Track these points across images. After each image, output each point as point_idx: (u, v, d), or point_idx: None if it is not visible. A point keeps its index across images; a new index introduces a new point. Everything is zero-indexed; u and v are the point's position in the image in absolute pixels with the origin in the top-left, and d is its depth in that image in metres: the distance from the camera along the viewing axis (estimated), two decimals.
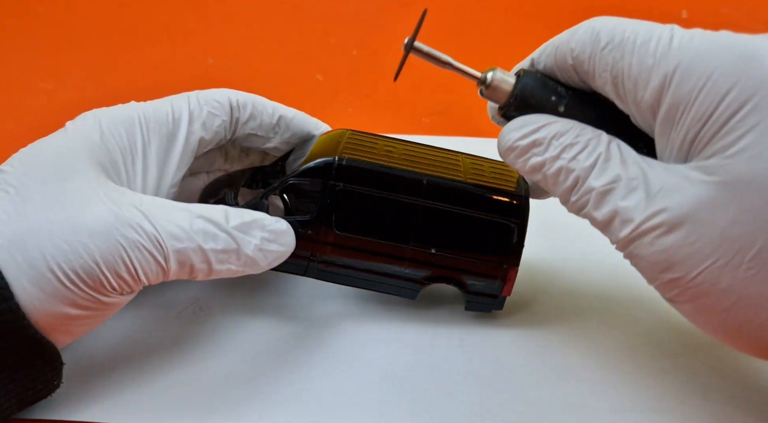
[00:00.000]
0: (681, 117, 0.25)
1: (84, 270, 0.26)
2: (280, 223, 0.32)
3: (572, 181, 0.27)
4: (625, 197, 0.26)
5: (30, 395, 0.28)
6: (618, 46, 0.26)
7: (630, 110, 0.27)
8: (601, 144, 0.27)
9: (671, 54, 0.25)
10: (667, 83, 0.25)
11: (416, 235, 0.34)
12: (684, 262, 0.24)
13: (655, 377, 0.33)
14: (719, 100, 0.23)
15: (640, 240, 0.25)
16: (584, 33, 0.27)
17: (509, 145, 0.29)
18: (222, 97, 0.35)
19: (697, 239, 0.24)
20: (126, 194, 0.29)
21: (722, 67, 0.23)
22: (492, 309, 0.36)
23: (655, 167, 0.26)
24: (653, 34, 0.25)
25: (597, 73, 0.27)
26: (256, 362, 0.34)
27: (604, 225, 0.27)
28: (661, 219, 0.24)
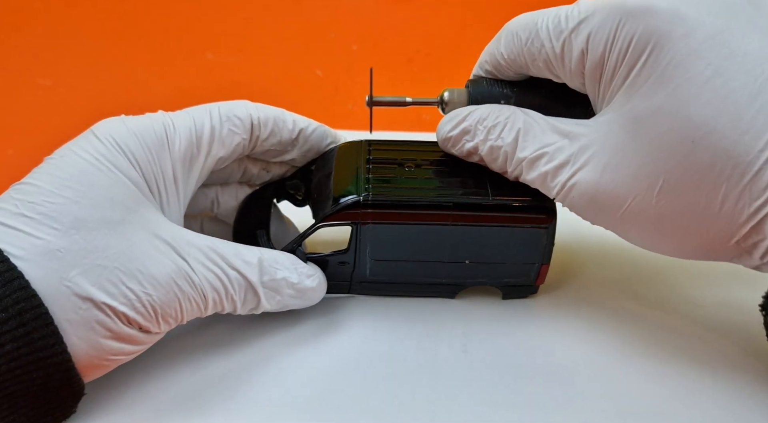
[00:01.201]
0: (600, 76, 0.29)
1: (142, 316, 0.28)
2: (311, 280, 0.34)
3: (503, 155, 0.32)
4: (548, 161, 0.30)
5: (48, 421, 0.28)
6: (536, 36, 0.30)
7: (565, 81, 0.31)
8: (518, 119, 0.31)
9: (579, 28, 0.29)
10: (584, 52, 0.29)
11: (449, 253, 0.35)
12: (609, 204, 0.29)
13: (663, 380, 0.32)
14: (623, 57, 0.28)
15: (570, 192, 0.29)
16: (507, 36, 0.32)
17: (444, 137, 0.34)
18: (243, 113, 0.34)
19: (613, 181, 0.28)
20: (177, 236, 0.30)
21: (618, 27, 0.27)
22: (527, 294, 0.38)
23: (571, 126, 0.30)
24: (560, 15, 0.30)
25: (529, 65, 0.32)
26: (256, 362, 0.34)
27: (539, 187, 0.31)
28: (582, 173, 0.29)
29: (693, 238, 0.27)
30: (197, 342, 0.35)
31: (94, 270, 0.27)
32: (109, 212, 0.28)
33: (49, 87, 0.64)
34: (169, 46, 0.69)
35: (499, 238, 0.34)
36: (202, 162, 0.33)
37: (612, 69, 0.28)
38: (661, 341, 0.35)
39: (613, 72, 0.28)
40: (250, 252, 0.32)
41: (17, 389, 0.26)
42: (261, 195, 0.39)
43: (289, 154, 0.37)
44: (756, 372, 0.33)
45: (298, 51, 0.68)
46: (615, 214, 0.29)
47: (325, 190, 0.35)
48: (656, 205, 0.27)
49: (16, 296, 0.25)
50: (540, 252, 0.35)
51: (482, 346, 0.35)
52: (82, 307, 0.27)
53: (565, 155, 0.30)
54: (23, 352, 0.25)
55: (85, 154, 0.29)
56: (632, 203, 0.28)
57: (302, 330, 0.36)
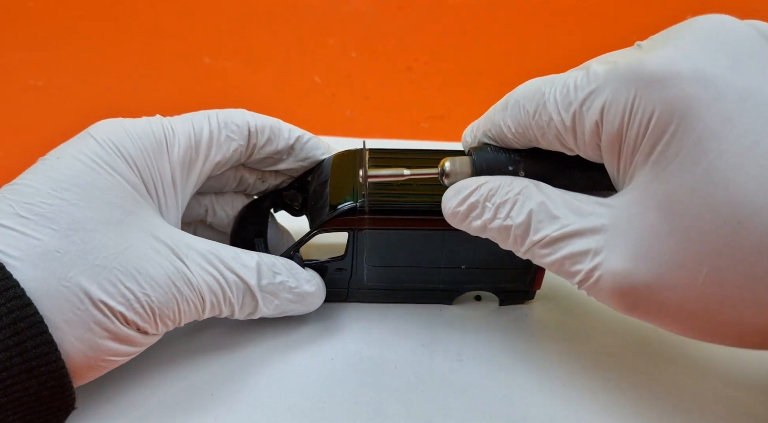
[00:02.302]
0: (620, 151, 0.26)
1: (140, 317, 0.28)
2: (310, 285, 0.34)
3: (513, 237, 0.28)
4: (566, 247, 0.26)
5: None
6: (544, 108, 0.27)
7: (578, 153, 0.28)
8: (530, 196, 0.28)
9: (591, 99, 0.26)
10: (598, 125, 0.26)
11: (445, 259, 0.35)
12: (645, 297, 0.25)
13: (663, 395, 0.32)
14: (644, 131, 0.24)
15: (597, 284, 0.26)
16: (513, 108, 0.29)
17: (450, 213, 0.30)
18: (241, 120, 0.34)
19: (648, 271, 0.24)
20: (175, 238, 0.30)
21: (636, 98, 0.24)
22: (524, 300, 0.38)
23: (591, 206, 0.27)
24: (569, 85, 0.27)
25: (538, 138, 0.29)
26: (250, 367, 0.33)
27: (558, 274, 0.27)
28: (609, 262, 0.25)
29: (750, 327, 0.24)
30: (191, 346, 0.35)
31: (92, 270, 0.27)
32: (108, 214, 0.28)
33: (41, 87, 0.63)
34: (166, 49, 0.69)
35: (494, 243, 0.33)
36: (200, 167, 0.33)
37: (632, 143, 0.25)
38: (658, 349, 0.35)
39: (633, 146, 0.25)
40: (249, 256, 0.32)
41: (9, 400, 0.25)
42: (258, 205, 0.39)
43: (284, 163, 0.38)
44: (748, 385, 0.33)
45: (296, 57, 0.68)
46: (652, 306, 0.25)
47: (322, 198, 0.35)
48: (702, 295, 0.23)
49: (11, 305, 0.25)
50: None
51: (478, 357, 0.35)
52: (80, 307, 0.26)
53: (586, 241, 0.26)
54: (16, 361, 0.25)
55: (82, 156, 0.29)
56: (673, 295, 0.24)
57: (297, 336, 0.36)
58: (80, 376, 0.28)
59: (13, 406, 0.25)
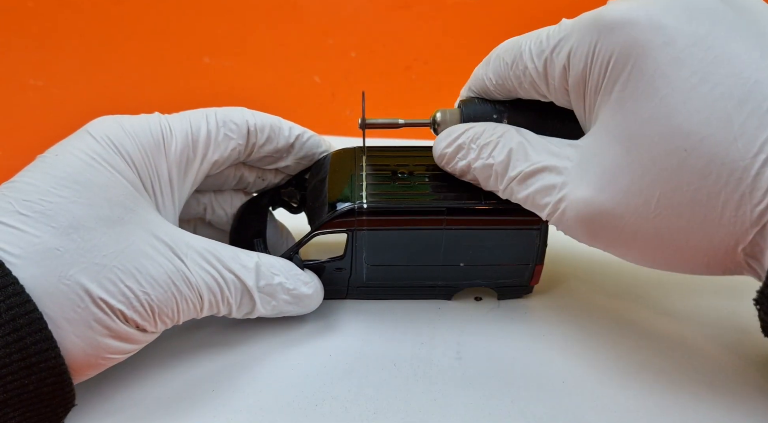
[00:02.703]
0: (584, 92, 0.29)
1: (140, 315, 0.28)
2: (308, 287, 0.34)
3: (494, 174, 0.31)
4: (538, 181, 0.29)
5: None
6: (520, 59, 0.31)
7: (552, 100, 0.31)
8: (511, 138, 0.31)
9: (560, 46, 0.29)
10: (565, 69, 0.29)
11: (444, 256, 0.35)
12: (604, 223, 0.28)
13: (657, 390, 0.32)
14: (604, 72, 0.27)
15: (564, 214, 0.29)
16: (494, 61, 0.32)
17: (439, 154, 0.33)
18: (240, 119, 0.34)
19: (607, 199, 0.27)
20: (175, 237, 0.30)
21: (597, 42, 0.27)
22: (522, 295, 0.38)
23: (562, 146, 0.30)
24: (541, 36, 0.30)
25: (516, 87, 0.32)
26: (249, 364, 0.34)
27: (531, 207, 0.31)
28: (574, 192, 0.28)
29: (697, 251, 0.26)
30: (190, 343, 0.35)
31: (92, 268, 0.27)
32: (107, 212, 0.28)
33: (40, 87, 0.63)
34: (165, 48, 0.69)
35: (492, 240, 0.34)
36: (198, 165, 0.33)
37: (595, 84, 0.28)
38: (655, 345, 0.35)
39: (596, 87, 0.28)
40: (248, 256, 0.32)
41: (8, 397, 0.25)
42: (257, 203, 0.39)
43: (284, 161, 0.38)
44: (752, 384, 0.33)
45: (296, 57, 0.68)
46: (611, 233, 0.28)
47: (321, 197, 0.35)
48: (654, 220, 0.26)
49: (10, 302, 0.25)
50: (533, 253, 0.35)
51: (476, 354, 0.35)
52: (80, 305, 0.26)
53: (554, 175, 0.29)
54: (15, 358, 0.25)
55: (81, 154, 0.29)
56: (629, 220, 0.27)
57: (296, 333, 0.36)
58: (80, 374, 0.28)
59: (13, 403, 0.25)
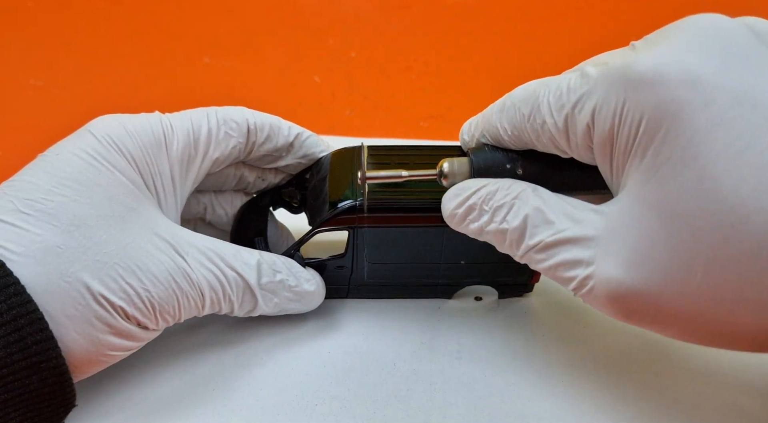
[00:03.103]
0: (611, 154, 0.26)
1: (141, 312, 0.28)
2: (309, 284, 0.34)
3: (509, 241, 0.28)
4: (560, 254, 0.26)
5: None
6: (538, 112, 0.28)
7: (573, 155, 0.28)
8: (527, 200, 0.28)
9: (582, 102, 0.26)
10: (589, 128, 0.26)
11: (445, 255, 0.35)
12: (640, 304, 0.24)
13: (660, 392, 0.32)
14: (635, 134, 0.24)
15: (592, 292, 0.26)
16: (509, 111, 0.29)
17: (449, 214, 0.31)
18: (240, 118, 0.35)
19: (641, 278, 0.24)
20: (176, 235, 0.30)
21: (626, 100, 0.24)
22: (523, 293, 0.38)
23: (586, 212, 0.27)
24: (562, 88, 0.27)
25: (534, 141, 0.29)
26: (249, 363, 0.34)
27: (552, 278, 0.27)
28: (603, 270, 0.25)
29: (744, 331, 0.24)
30: (191, 342, 0.35)
31: (93, 266, 0.27)
32: (108, 210, 0.28)
33: (41, 87, 0.63)
34: (166, 48, 0.69)
35: None
36: (199, 163, 0.33)
37: (624, 146, 0.25)
38: (655, 344, 0.35)
39: (625, 149, 0.25)
40: (250, 254, 0.32)
41: (10, 397, 0.25)
42: (257, 203, 0.39)
43: (283, 160, 0.38)
44: (747, 379, 0.33)
45: (296, 57, 0.68)
46: (648, 314, 0.25)
47: (321, 196, 0.35)
48: (696, 301, 0.23)
49: (11, 302, 0.25)
50: None
51: (476, 353, 0.35)
52: (81, 302, 0.27)
53: (579, 248, 0.26)
54: (17, 358, 0.25)
55: (82, 153, 0.29)
56: (667, 301, 0.24)
57: (297, 332, 0.36)
58: (81, 371, 0.28)
59: (14, 403, 0.25)
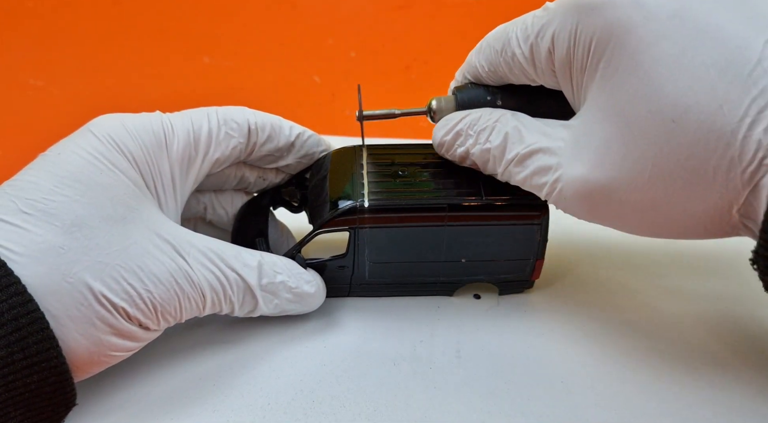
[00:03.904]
0: (570, 72, 0.29)
1: (142, 313, 0.28)
2: (310, 286, 0.34)
3: (492, 158, 0.32)
4: (534, 162, 0.30)
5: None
6: (509, 45, 0.31)
7: (540, 82, 0.32)
8: (506, 122, 0.32)
9: (544, 30, 0.30)
10: (550, 51, 0.30)
11: (446, 253, 0.35)
12: (601, 198, 0.28)
13: (660, 391, 0.32)
14: (588, 52, 0.28)
15: (561, 192, 0.29)
16: (485, 49, 0.33)
17: (438, 142, 0.34)
18: (241, 118, 0.35)
19: (602, 174, 0.28)
20: (177, 235, 0.30)
21: (579, 23, 0.28)
22: (523, 289, 0.39)
23: (555, 127, 0.31)
24: (527, 22, 0.31)
25: (507, 73, 0.33)
26: (249, 362, 0.34)
27: (529, 188, 0.31)
28: (569, 170, 0.29)
29: (694, 217, 0.27)
30: (190, 341, 0.35)
31: (95, 266, 0.27)
32: (110, 210, 0.28)
33: (41, 87, 0.64)
34: (165, 48, 0.69)
35: (493, 236, 0.35)
36: (200, 164, 0.33)
37: (580, 64, 0.28)
38: (656, 343, 0.35)
39: (581, 66, 0.28)
40: (251, 255, 0.32)
41: (10, 396, 0.25)
42: (258, 203, 0.40)
43: (284, 159, 0.38)
44: (753, 384, 0.33)
45: (295, 56, 0.68)
46: (610, 207, 0.28)
47: (322, 196, 0.35)
48: (649, 191, 0.27)
49: (12, 301, 0.25)
50: (534, 248, 0.35)
51: (476, 352, 0.35)
52: (83, 302, 0.27)
53: (549, 156, 0.30)
54: (18, 357, 0.25)
55: (83, 153, 0.29)
56: (625, 193, 0.27)
57: (297, 331, 0.36)
58: (82, 371, 0.28)
59: (15, 402, 0.25)
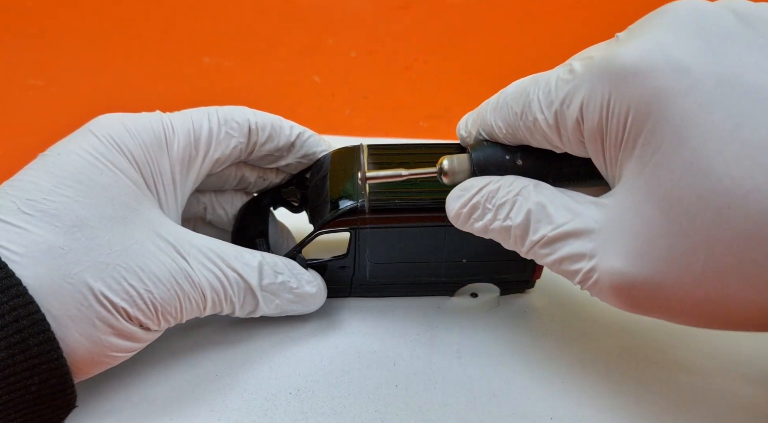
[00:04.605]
0: (603, 146, 0.26)
1: (143, 313, 0.28)
2: (311, 287, 0.34)
3: (513, 237, 0.28)
4: (564, 247, 0.26)
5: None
6: (529, 109, 0.28)
7: (566, 150, 0.28)
8: (528, 196, 0.28)
9: (570, 97, 0.26)
10: (579, 122, 0.26)
11: (447, 253, 0.35)
12: (645, 294, 0.25)
13: (659, 391, 0.32)
14: (624, 126, 0.24)
15: (596, 284, 0.26)
16: (503, 109, 0.30)
17: (453, 214, 0.31)
18: (241, 118, 0.35)
19: (644, 268, 0.24)
20: (178, 236, 0.30)
21: (612, 93, 0.24)
22: (524, 289, 0.39)
23: (586, 205, 0.27)
24: (550, 84, 0.27)
25: (528, 138, 0.29)
26: (249, 362, 0.34)
27: (558, 272, 0.28)
28: (606, 262, 0.25)
29: (753, 311, 0.23)
30: (190, 341, 0.35)
31: (96, 267, 0.27)
32: (111, 211, 0.28)
33: (40, 87, 0.63)
34: (165, 48, 0.69)
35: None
36: (200, 164, 0.33)
37: (614, 138, 0.25)
38: (656, 342, 0.35)
39: (616, 141, 0.25)
40: (252, 255, 0.32)
41: (11, 398, 0.25)
42: (258, 203, 0.40)
43: (284, 159, 0.38)
44: (750, 379, 0.33)
45: (296, 56, 0.68)
46: (654, 303, 0.25)
47: (322, 196, 0.35)
48: (702, 286, 0.23)
49: (14, 303, 0.25)
50: None
51: (476, 352, 0.35)
52: (84, 303, 0.27)
53: (581, 241, 0.26)
54: (19, 358, 0.25)
55: (84, 153, 0.29)
56: (672, 288, 0.24)
57: (297, 332, 0.36)
58: (83, 372, 0.28)
59: (15, 403, 0.25)
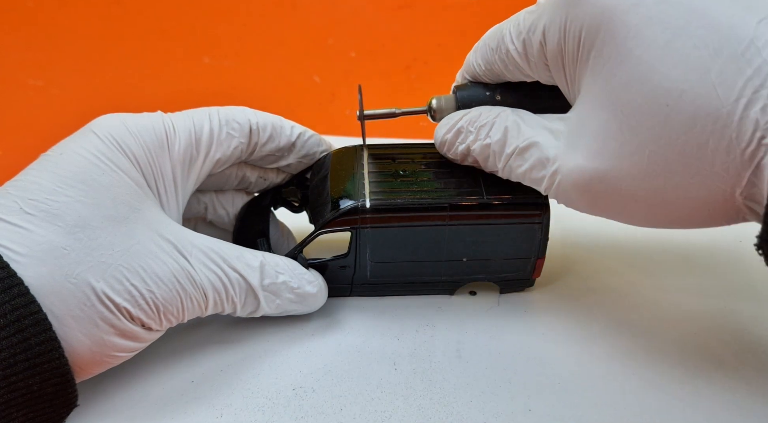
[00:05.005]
0: (563, 64, 0.30)
1: (145, 313, 0.29)
2: (312, 286, 0.34)
3: (492, 154, 0.32)
4: (532, 155, 0.30)
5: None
6: (503, 42, 0.32)
7: (536, 78, 0.32)
8: (506, 117, 0.32)
9: (535, 25, 0.30)
10: (542, 45, 0.30)
11: (447, 252, 0.35)
12: (600, 190, 0.28)
13: (659, 389, 0.33)
14: (578, 43, 0.28)
15: (559, 185, 0.29)
16: (481, 48, 0.34)
17: (440, 140, 0.35)
18: (242, 118, 0.35)
19: (600, 165, 0.27)
20: (180, 236, 0.30)
21: (568, 15, 0.28)
22: (524, 288, 0.39)
23: (553, 120, 0.31)
24: (519, 18, 0.31)
25: (503, 70, 0.33)
26: (249, 361, 0.34)
27: (529, 182, 0.31)
28: (567, 162, 0.29)
29: (696, 203, 0.26)
30: (191, 341, 0.35)
31: (98, 267, 0.27)
32: (112, 211, 0.29)
33: (40, 88, 0.63)
34: (165, 48, 0.69)
35: (494, 235, 0.35)
36: (201, 164, 0.33)
37: (571, 55, 0.29)
38: (656, 342, 0.35)
39: (573, 58, 0.29)
40: (253, 255, 0.32)
41: (12, 397, 0.25)
42: (259, 203, 0.40)
43: (285, 159, 0.38)
44: (752, 383, 0.33)
45: (296, 57, 0.68)
46: (609, 198, 0.28)
47: (323, 196, 0.35)
48: (649, 179, 0.26)
49: (15, 302, 0.25)
50: (535, 246, 0.35)
51: (476, 352, 0.35)
52: (86, 303, 0.27)
53: (547, 148, 0.30)
54: (20, 358, 0.25)
55: (85, 153, 0.29)
56: (624, 182, 0.27)
57: (298, 331, 0.36)
58: (85, 372, 0.28)
59: (17, 403, 0.25)
